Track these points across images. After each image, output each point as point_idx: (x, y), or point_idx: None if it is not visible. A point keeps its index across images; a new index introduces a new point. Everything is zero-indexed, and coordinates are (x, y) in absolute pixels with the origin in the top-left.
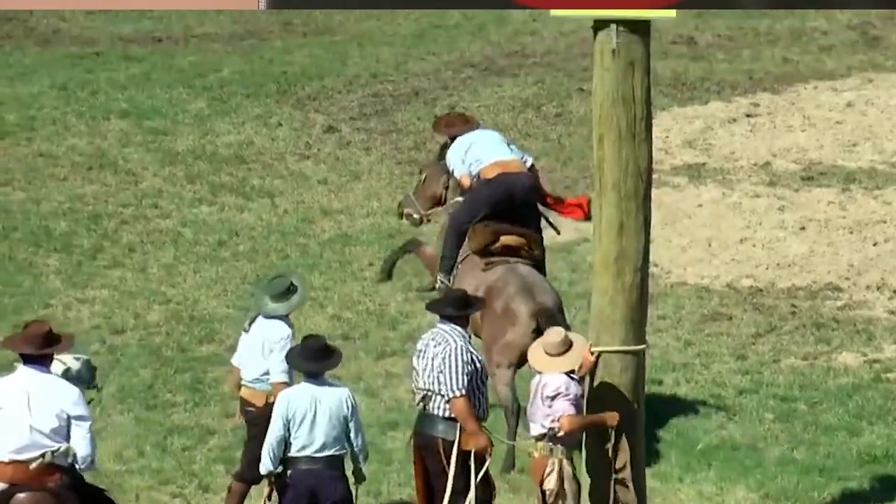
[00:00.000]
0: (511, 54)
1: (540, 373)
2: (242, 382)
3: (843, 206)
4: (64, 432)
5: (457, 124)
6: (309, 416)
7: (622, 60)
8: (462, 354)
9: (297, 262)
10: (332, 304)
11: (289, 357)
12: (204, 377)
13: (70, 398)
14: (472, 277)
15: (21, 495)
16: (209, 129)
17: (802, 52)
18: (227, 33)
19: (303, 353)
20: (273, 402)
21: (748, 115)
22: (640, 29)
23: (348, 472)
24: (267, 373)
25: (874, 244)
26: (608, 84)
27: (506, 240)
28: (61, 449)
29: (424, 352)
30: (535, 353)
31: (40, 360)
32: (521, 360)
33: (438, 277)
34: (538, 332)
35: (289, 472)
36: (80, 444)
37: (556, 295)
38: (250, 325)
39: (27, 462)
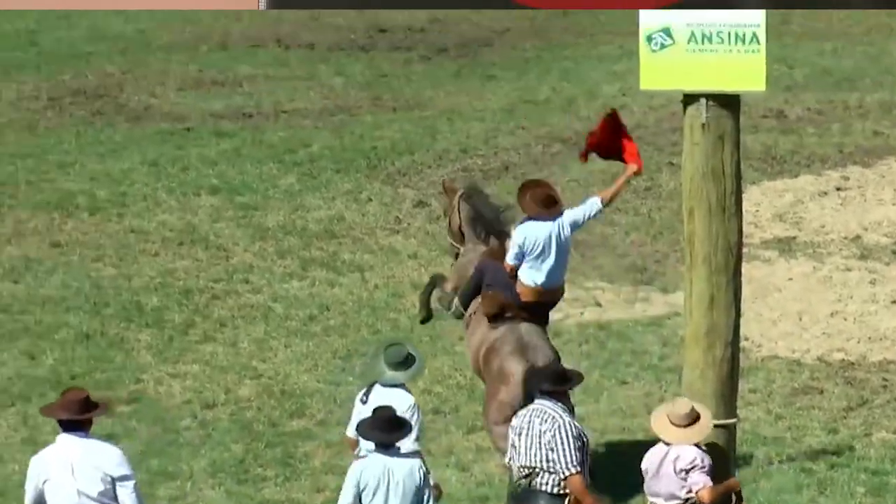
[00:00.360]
0: None
1: (667, 444)
2: (361, 454)
3: None
4: (111, 493)
5: (534, 206)
6: (382, 487)
7: (712, 134)
8: (571, 430)
9: (387, 336)
10: (422, 378)
11: (359, 427)
12: (295, 452)
13: (112, 460)
14: (479, 333)
15: None
16: (299, 204)
17: (893, 126)
18: (317, 109)
19: (374, 423)
20: None
21: (838, 189)
22: (730, 103)
23: None
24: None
25: None
26: (698, 158)
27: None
28: None
29: (528, 429)
30: (661, 424)
31: (80, 426)
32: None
33: (456, 303)
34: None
35: None
36: (127, 503)
37: (553, 352)
38: (366, 395)
39: None
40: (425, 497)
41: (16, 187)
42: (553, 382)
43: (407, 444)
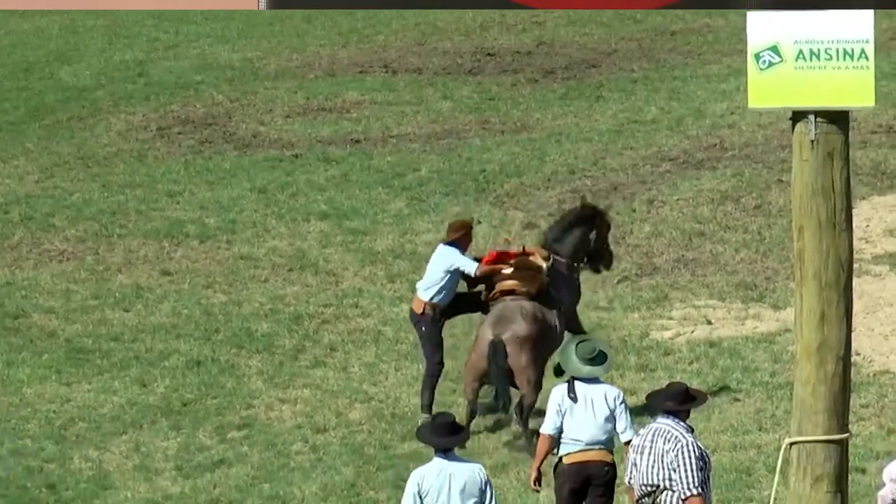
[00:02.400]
0: (709, 147)
1: None
2: (572, 452)
3: None
4: None
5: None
6: (445, 492)
7: (821, 151)
8: (694, 450)
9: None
10: None
11: (419, 433)
12: (406, 474)
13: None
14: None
15: None
16: (408, 227)
17: None
18: (425, 133)
19: (434, 429)
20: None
21: None
22: (839, 119)
23: None
24: (609, 434)
25: None
26: (807, 175)
27: (502, 286)
28: None
29: (651, 448)
30: None
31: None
32: (480, 377)
33: None
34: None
35: None
36: None
37: (526, 326)
38: (572, 392)
39: None
40: (487, 499)
41: (126, 217)
42: (677, 401)
43: (628, 433)
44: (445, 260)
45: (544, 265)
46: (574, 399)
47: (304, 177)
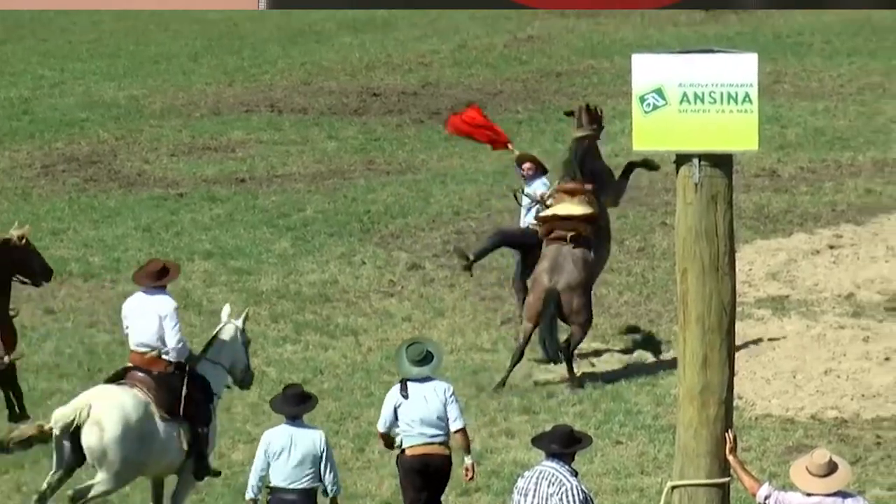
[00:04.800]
0: None
1: (808, 495)
2: (414, 443)
3: None
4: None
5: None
6: (286, 453)
7: (705, 194)
8: (578, 494)
9: (381, 399)
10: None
11: (272, 402)
12: None
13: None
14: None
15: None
16: (293, 268)
17: (885, 183)
18: (310, 173)
19: (284, 399)
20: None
21: (831, 247)
22: (723, 163)
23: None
24: (443, 426)
25: None
26: (691, 218)
27: (558, 232)
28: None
29: (536, 490)
30: (800, 476)
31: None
32: (535, 318)
33: None
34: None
35: (269, 499)
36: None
37: (577, 275)
38: (404, 391)
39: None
40: (323, 465)
41: None
42: (561, 444)
43: (458, 422)
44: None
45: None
46: (406, 397)
47: (188, 216)
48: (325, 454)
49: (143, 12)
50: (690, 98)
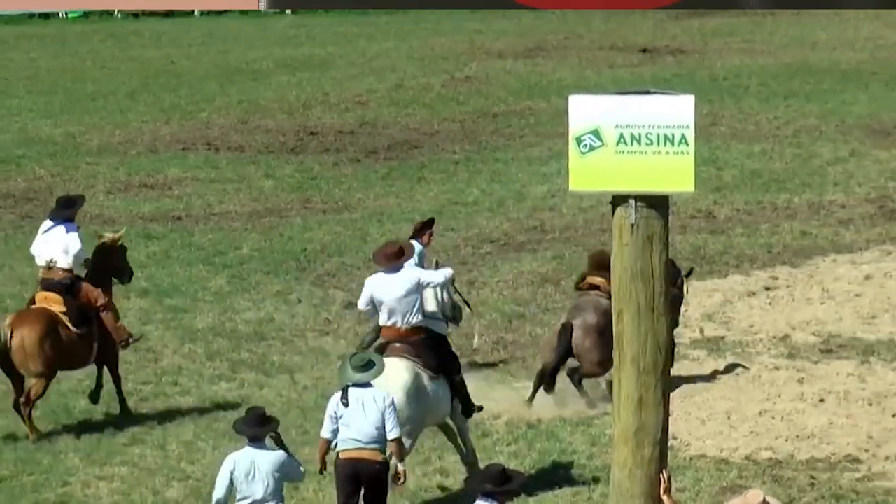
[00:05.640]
0: (530, 229)
1: None
2: (347, 449)
3: (862, 378)
4: None
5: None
6: (250, 474)
7: (641, 235)
8: None
9: (316, 436)
10: None
11: (235, 425)
12: None
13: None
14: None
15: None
16: (229, 306)
17: (821, 225)
18: (247, 211)
19: (246, 421)
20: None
21: (767, 289)
22: (659, 204)
23: None
24: (379, 434)
25: (893, 415)
26: (627, 259)
27: (589, 280)
28: None
29: None
30: None
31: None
32: (548, 353)
33: None
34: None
35: None
36: None
37: (594, 317)
38: (345, 397)
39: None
40: (284, 484)
41: None
42: (494, 483)
43: (395, 431)
44: None
45: None
46: (346, 404)
47: None
48: (285, 474)
49: (79, 50)
50: (627, 139)
